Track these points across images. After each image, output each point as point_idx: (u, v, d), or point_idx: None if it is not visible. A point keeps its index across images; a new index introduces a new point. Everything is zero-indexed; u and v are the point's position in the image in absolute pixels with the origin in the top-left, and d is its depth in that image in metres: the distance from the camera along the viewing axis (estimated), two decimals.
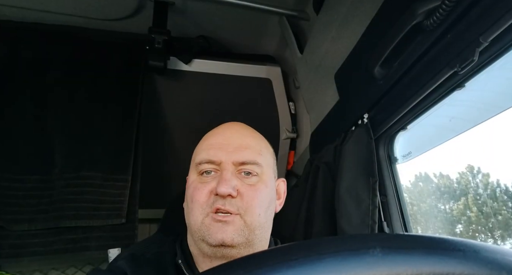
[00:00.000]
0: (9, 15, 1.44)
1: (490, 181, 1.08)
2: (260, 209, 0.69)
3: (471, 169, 1.11)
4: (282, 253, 0.26)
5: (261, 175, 0.72)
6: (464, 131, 0.87)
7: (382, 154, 1.06)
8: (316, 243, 0.27)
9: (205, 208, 0.67)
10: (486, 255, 0.26)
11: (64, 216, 1.23)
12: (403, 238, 0.27)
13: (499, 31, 0.63)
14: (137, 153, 1.39)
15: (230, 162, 0.70)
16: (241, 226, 0.66)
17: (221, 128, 0.78)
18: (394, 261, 0.25)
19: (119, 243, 1.24)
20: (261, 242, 0.71)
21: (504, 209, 1.05)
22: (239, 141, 0.73)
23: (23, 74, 1.38)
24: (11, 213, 1.20)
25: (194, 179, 0.72)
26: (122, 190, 1.31)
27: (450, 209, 1.18)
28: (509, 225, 1.05)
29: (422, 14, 0.74)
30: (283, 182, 0.83)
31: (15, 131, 1.31)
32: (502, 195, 1.03)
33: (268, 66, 1.72)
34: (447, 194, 1.17)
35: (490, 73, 0.74)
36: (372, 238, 0.27)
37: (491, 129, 0.84)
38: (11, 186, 1.24)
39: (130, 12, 1.48)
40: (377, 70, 0.95)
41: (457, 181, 1.16)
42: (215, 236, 0.65)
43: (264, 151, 0.76)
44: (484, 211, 1.09)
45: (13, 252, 1.17)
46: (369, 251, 0.25)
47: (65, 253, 1.21)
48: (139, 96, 1.46)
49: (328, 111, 1.34)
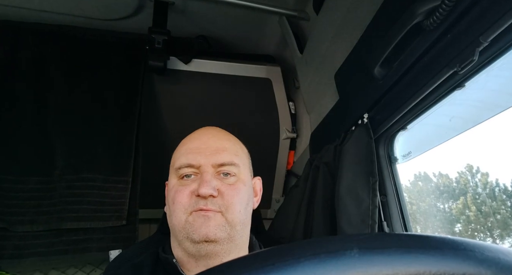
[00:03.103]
0: (9, 15, 1.44)
1: (489, 180, 1.08)
2: (240, 206, 0.73)
3: (470, 168, 1.11)
4: (259, 258, 0.25)
5: (239, 174, 0.76)
6: (465, 131, 0.87)
7: (382, 153, 1.06)
8: (293, 246, 0.26)
9: (188, 208, 0.70)
10: (464, 252, 0.25)
11: (66, 217, 1.24)
12: (382, 237, 0.27)
13: (499, 31, 0.63)
14: (137, 154, 1.40)
15: (209, 165, 0.73)
16: (223, 222, 0.70)
17: (198, 133, 0.82)
18: (370, 261, 0.24)
19: (120, 245, 1.25)
20: (242, 237, 0.75)
21: (503, 208, 1.05)
22: (216, 144, 0.76)
23: (24, 74, 1.38)
24: (14, 214, 1.21)
25: (174, 183, 0.75)
26: (122, 191, 1.32)
27: (449, 208, 1.18)
28: (508, 224, 1.05)
29: (422, 14, 0.74)
30: (259, 180, 0.87)
31: (16, 133, 1.31)
32: (501, 194, 1.04)
33: (268, 66, 1.71)
34: (447, 193, 1.17)
35: (490, 72, 0.74)
36: (350, 239, 0.26)
37: (490, 128, 0.84)
38: (13, 187, 1.24)
39: (130, 12, 1.48)
40: (377, 70, 0.95)
41: (456, 180, 1.16)
42: (199, 231, 0.68)
43: (240, 152, 0.80)
44: (483, 210, 1.10)
45: (16, 253, 1.18)
46: (346, 252, 0.25)
47: (67, 254, 1.22)
48: (139, 97, 1.46)
49: (328, 111, 1.34)
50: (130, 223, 1.30)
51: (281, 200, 1.80)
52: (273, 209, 1.82)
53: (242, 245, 0.76)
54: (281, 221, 1.33)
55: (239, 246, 0.74)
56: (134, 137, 1.40)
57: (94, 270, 1.45)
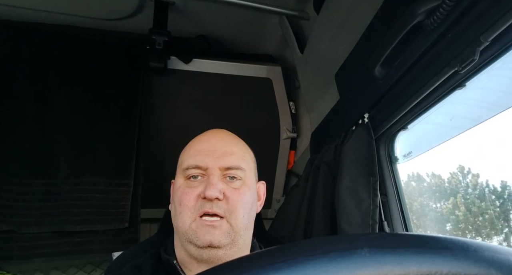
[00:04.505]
0: (9, 15, 1.44)
1: (479, 181, 1.10)
2: (244, 211, 0.74)
3: (462, 169, 1.13)
4: (269, 255, 0.26)
5: (245, 178, 0.77)
6: (465, 131, 0.87)
7: (382, 153, 1.06)
8: (303, 244, 0.26)
9: (193, 211, 0.71)
10: (475, 253, 0.25)
11: (70, 220, 1.26)
12: (392, 237, 0.27)
13: (500, 31, 0.63)
14: (138, 156, 1.40)
15: (217, 167, 0.74)
16: (228, 229, 0.71)
17: (207, 135, 0.83)
18: (381, 260, 0.24)
19: (123, 246, 1.26)
20: (244, 241, 0.76)
21: (491, 208, 1.06)
22: (224, 147, 0.77)
23: (24, 74, 1.38)
24: (19, 216, 1.23)
25: (181, 183, 0.76)
26: (124, 194, 1.34)
27: (441, 208, 1.19)
28: (495, 224, 1.08)
29: (422, 14, 0.74)
30: (263, 185, 0.88)
31: (17, 133, 1.32)
32: (490, 194, 1.05)
33: (268, 66, 1.71)
34: (438, 193, 1.18)
35: (491, 72, 0.73)
36: (360, 238, 0.26)
37: (483, 131, 0.85)
38: (17, 190, 1.26)
39: (130, 12, 1.47)
40: (377, 69, 0.95)
41: (448, 181, 1.18)
42: (203, 238, 0.69)
43: (247, 157, 0.81)
44: (472, 210, 1.12)
45: (23, 254, 1.20)
46: (357, 251, 0.25)
47: (71, 255, 1.24)
48: (140, 97, 1.46)
49: (329, 111, 1.34)
50: (132, 225, 1.32)
51: (282, 200, 1.80)
52: (273, 208, 1.82)
53: (245, 248, 0.77)
54: (281, 220, 1.33)
55: (241, 250, 0.75)
56: (135, 138, 1.41)
57: (95, 270, 1.46)
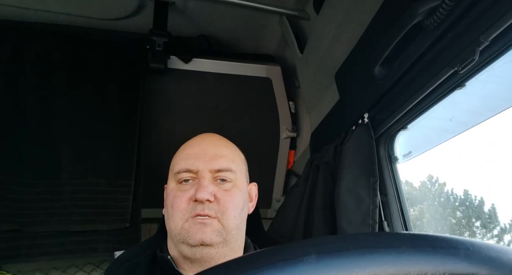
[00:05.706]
0: (10, 15, 1.44)
1: (445, 190, 1.15)
2: (235, 211, 0.75)
3: (430, 178, 1.16)
4: (219, 271, 0.25)
5: (235, 180, 0.78)
6: (465, 131, 0.87)
7: (382, 153, 1.06)
8: (253, 256, 0.26)
9: (185, 214, 0.73)
10: (422, 249, 0.25)
11: (74, 220, 1.28)
12: (343, 239, 0.26)
13: (500, 30, 0.63)
14: (139, 156, 1.42)
15: (207, 170, 0.75)
16: (219, 228, 0.72)
17: (197, 139, 0.84)
18: (327, 266, 0.24)
19: (125, 246, 1.29)
20: (237, 241, 0.77)
21: (452, 215, 1.13)
22: (214, 150, 0.79)
23: (27, 76, 1.39)
24: (26, 216, 1.24)
25: (173, 187, 0.77)
26: (125, 195, 1.36)
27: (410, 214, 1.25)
28: (454, 230, 1.16)
29: (422, 14, 0.74)
30: (255, 186, 0.89)
31: (20, 134, 1.33)
32: (454, 202, 1.11)
33: (268, 66, 1.71)
34: (409, 200, 1.22)
35: (491, 72, 0.73)
36: (309, 244, 0.26)
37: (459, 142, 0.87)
38: (23, 190, 1.28)
39: (130, 11, 1.48)
40: (377, 69, 0.95)
41: (418, 188, 1.24)
42: (195, 236, 0.70)
43: (237, 159, 0.82)
44: (436, 217, 1.18)
45: (29, 253, 1.22)
46: (303, 259, 0.24)
47: (75, 254, 1.27)
48: (140, 96, 1.47)
49: (329, 111, 1.34)
50: (134, 225, 1.34)
51: (281, 200, 1.80)
52: (273, 208, 1.82)
53: (237, 248, 0.78)
54: (281, 220, 1.33)
55: (234, 250, 0.76)
56: (136, 139, 1.42)
57: (95, 270, 1.46)
